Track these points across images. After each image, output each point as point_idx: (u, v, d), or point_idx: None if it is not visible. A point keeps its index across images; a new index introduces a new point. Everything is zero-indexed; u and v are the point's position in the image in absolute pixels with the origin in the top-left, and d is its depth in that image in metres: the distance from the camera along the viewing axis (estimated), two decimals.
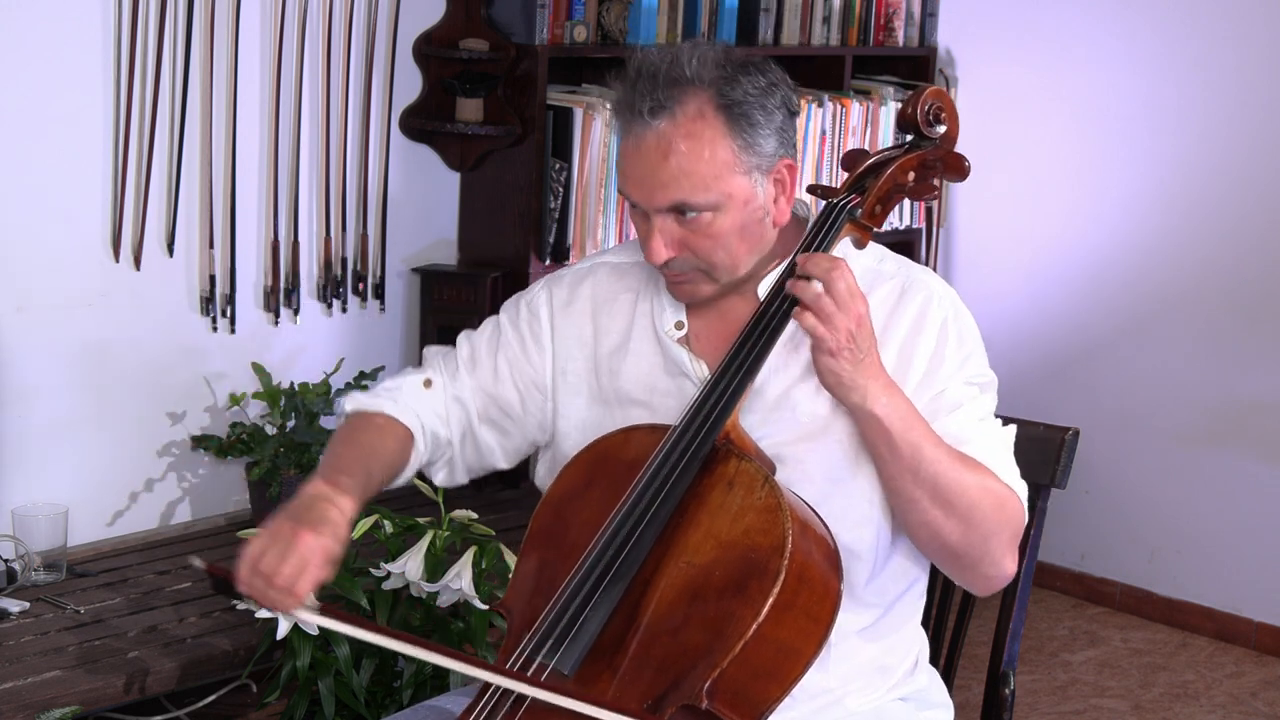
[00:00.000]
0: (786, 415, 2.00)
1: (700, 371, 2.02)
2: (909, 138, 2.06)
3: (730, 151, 1.91)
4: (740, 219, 1.95)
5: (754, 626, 1.75)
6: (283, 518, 1.87)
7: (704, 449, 1.87)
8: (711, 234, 1.94)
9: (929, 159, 2.03)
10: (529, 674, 1.82)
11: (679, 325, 2.05)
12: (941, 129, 2.03)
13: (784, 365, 2.00)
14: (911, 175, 2.02)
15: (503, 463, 2.20)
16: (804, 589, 1.79)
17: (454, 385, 2.15)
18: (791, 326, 1.93)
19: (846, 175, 2.05)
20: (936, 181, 2.06)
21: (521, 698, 1.82)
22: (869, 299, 1.98)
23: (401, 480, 2.14)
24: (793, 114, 1.98)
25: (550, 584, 1.89)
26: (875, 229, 2.00)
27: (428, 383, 2.15)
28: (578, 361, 2.12)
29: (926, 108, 2.01)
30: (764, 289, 2.00)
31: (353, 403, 2.14)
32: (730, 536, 1.82)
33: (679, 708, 1.76)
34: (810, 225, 2.01)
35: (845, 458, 1.98)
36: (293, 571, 1.81)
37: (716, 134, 1.91)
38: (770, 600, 1.75)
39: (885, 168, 2.01)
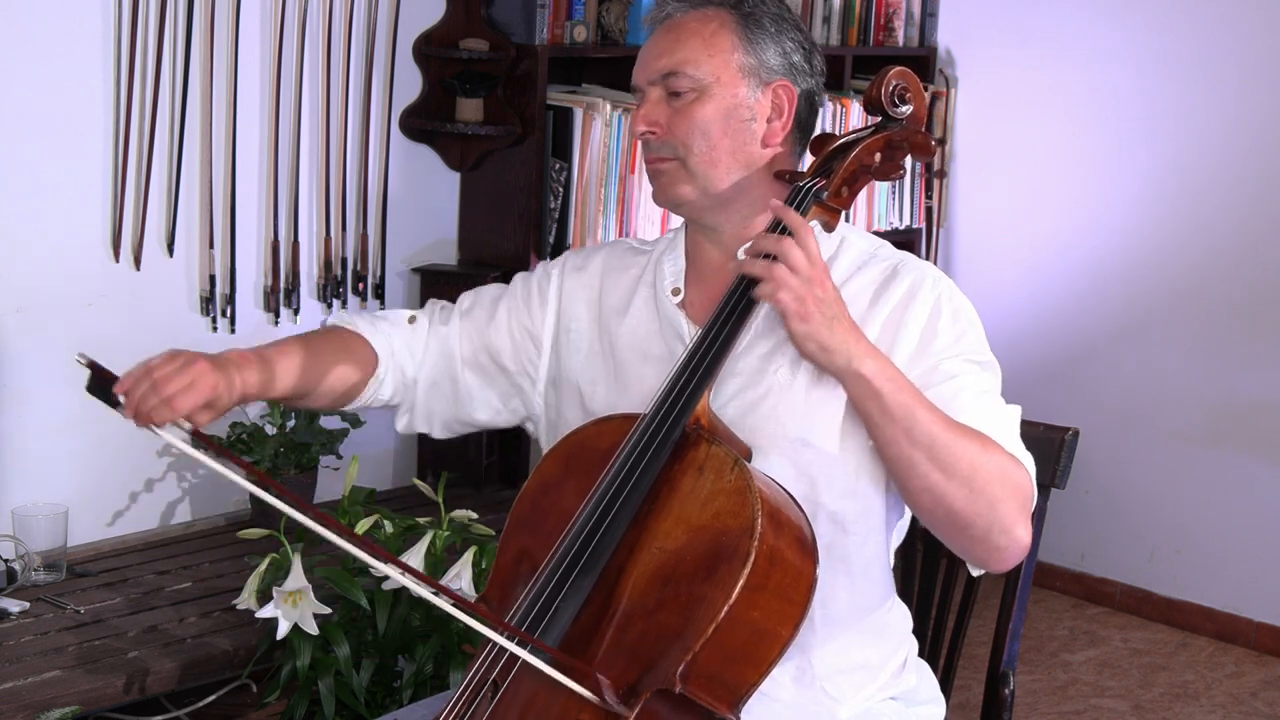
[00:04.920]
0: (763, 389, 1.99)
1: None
2: (877, 119, 2.04)
3: (732, 43, 1.99)
4: (724, 110, 1.99)
5: (725, 609, 1.74)
6: (187, 351, 1.93)
7: (674, 435, 1.87)
8: (693, 116, 1.99)
9: (895, 139, 2.02)
10: (502, 665, 1.84)
11: (675, 291, 2.08)
12: (907, 109, 2.01)
13: (761, 338, 1.99)
14: (878, 156, 2.01)
15: (482, 413, 2.20)
16: (776, 570, 1.78)
17: (442, 328, 2.18)
18: (765, 308, 1.93)
19: (813, 159, 2.04)
20: (904, 162, 2.04)
21: (498, 682, 1.84)
22: (859, 278, 2.01)
23: (356, 403, 2.15)
24: (807, 57, 2.05)
25: (527, 574, 1.90)
26: (843, 210, 1.98)
27: (412, 319, 2.19)
28: (582, 321, 2.15)
29: (891, 88, 2.00)
30: (743, 253, 2.00)
31: (334, 317, 2.19)
32: (700, 521, 1.82)
33: (654, 693, 1.75)
34: None
35: (833, 430, 1.97)
36: (180, 385, 1.86)
37: (724, 24, 2.00)
38: (740, 582, 1.74)
39: (851, 149, 2.00)
